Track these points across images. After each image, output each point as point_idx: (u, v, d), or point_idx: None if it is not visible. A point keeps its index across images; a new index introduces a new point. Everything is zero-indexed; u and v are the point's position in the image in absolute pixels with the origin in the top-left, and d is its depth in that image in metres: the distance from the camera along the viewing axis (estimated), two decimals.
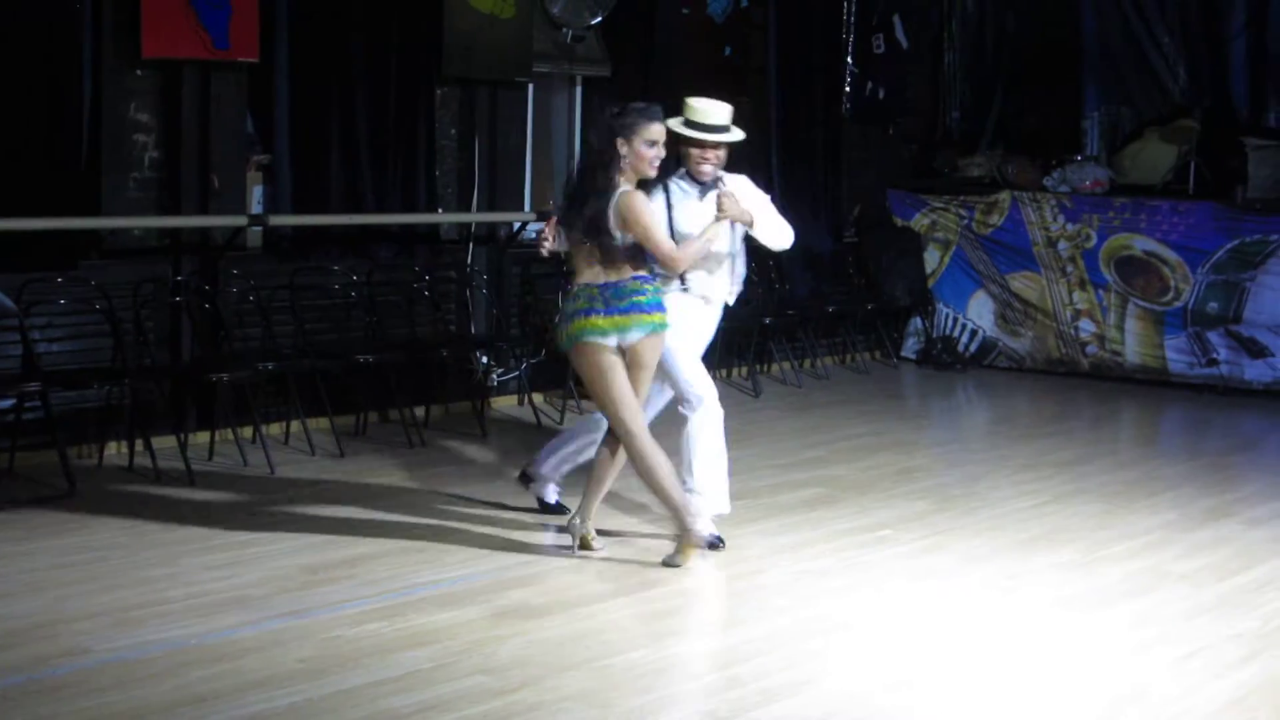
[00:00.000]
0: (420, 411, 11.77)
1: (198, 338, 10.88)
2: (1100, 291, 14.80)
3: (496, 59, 12.46)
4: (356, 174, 11.75)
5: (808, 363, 14.86)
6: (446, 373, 12.26)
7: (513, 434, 11.78)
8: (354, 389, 11.50)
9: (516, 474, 9.72)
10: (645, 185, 8.20)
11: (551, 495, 9.41)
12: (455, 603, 7.55)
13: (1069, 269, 14.91)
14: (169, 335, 10.85)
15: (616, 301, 8.05)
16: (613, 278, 8.09)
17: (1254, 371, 14.16)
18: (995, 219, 15.20)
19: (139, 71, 10.64)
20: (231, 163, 11.08)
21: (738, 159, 9.03)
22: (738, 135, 8.73)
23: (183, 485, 9.73)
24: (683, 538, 8.25)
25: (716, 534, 8.71)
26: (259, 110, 11.37)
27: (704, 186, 8.66)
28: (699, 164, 8.64)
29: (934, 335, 15.63)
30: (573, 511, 8.65)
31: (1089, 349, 14.94)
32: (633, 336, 8.09)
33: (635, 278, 8.11)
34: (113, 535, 8.63)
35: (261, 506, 9.34)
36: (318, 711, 6.13)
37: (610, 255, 8.06)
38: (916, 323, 15.77)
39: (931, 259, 15.59)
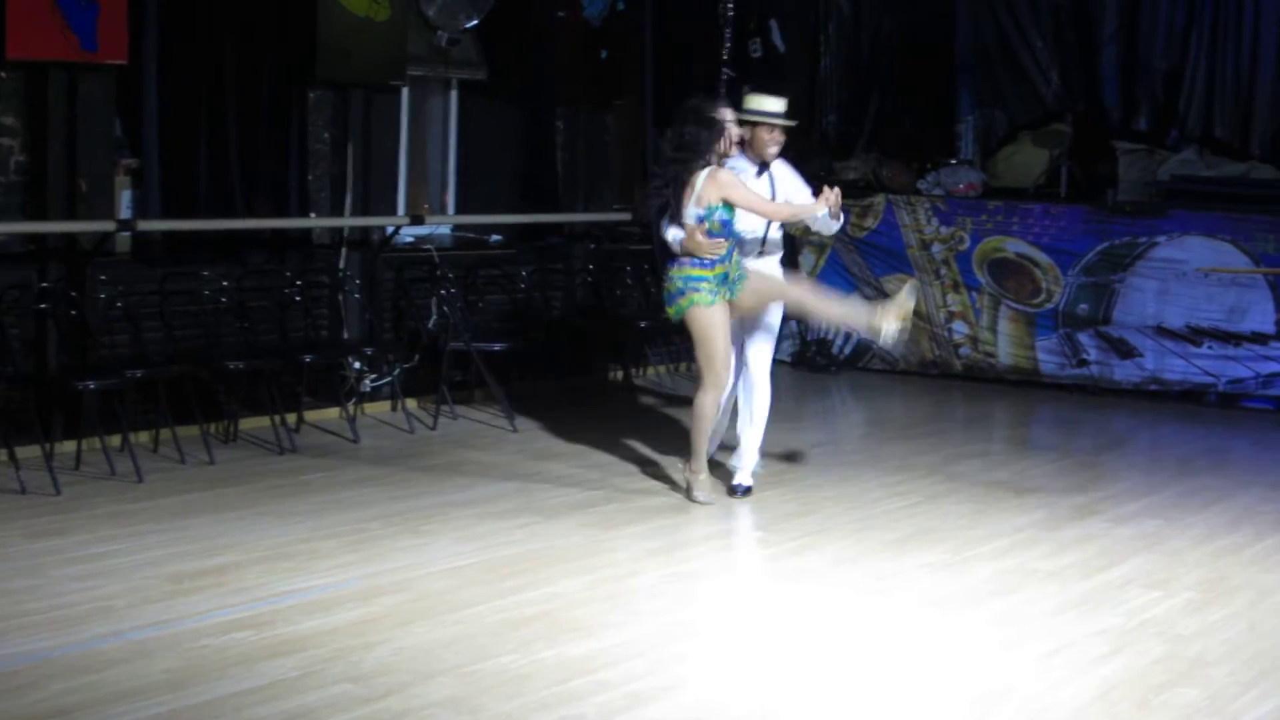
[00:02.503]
0: (292, 418, 11.68)
1: (64, 345, 10.73)
2: (973, 294, 14.91)
3: (371, 62, 12.39)
4: (227, 178, 11.63)
5: (684, 366, 14.86)
6: (319, 378, 12.18)
7: (385, 440, 11.72)
8: (225, 396, 11.41)
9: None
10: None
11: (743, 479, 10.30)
12: (323, 611, 7.50)
13: (943, 271, 15.01)
14: (34, 342, 10.67)
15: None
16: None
17: (1123, 372, 14.32)
18: (870, 222, 15.28)
19: (3, 74, 10.48)
20: (99, 167, 10.94)
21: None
22: (793, 121, 10.21)
23: (48, 495, 9.60)
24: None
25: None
26: (128, 113, 11.24)
27: (763, 165, 10.11)
28: (768, 145, 10.04)
29: (808, 338, 15.68)
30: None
31: (962, 351, 15.05)
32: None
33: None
34: None
35: (127, 516, 9.23)
36: None
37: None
38: (791, 325, 15.81)
39: (806, 262, 15.64)
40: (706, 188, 9.46)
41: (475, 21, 13.28)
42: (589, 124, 14.81)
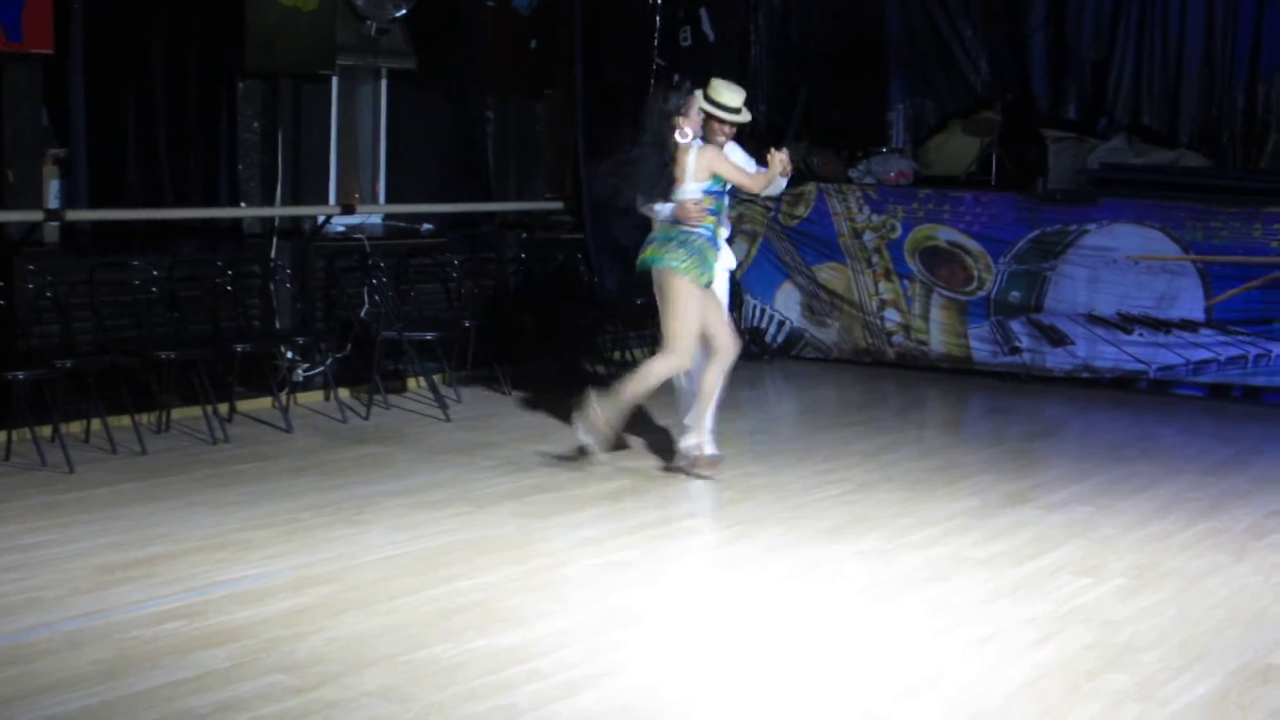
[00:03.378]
0: (224, 408, 11.63)
1: None
2: (905, 282, 14.96)
3: (300, 52, 12.33)
4: (156, 168, 11.58)
5: (618, 354, 14.85)
6: (251, 368, 12.13)
7: (318, 429, 11.69)
8: (156, 386, 11.34)
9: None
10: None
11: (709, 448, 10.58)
12: (255, 601, 7.48)
13: (874, 260, 15.06)
14: None
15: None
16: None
17: (1055, 359, 14.39)
18: (801, 211, 15.30)
19: None
20: (26, 156, 10.88)
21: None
22: (746, 117, 10.57)
23: None
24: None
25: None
26: (55, 103, 11.16)
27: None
28: (717, 135, 10.39)
29: (741, 327, 15.68)
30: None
31: (895, 339, 15.10)
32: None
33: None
34: None
35: (58, 506, 9.18)
36: (113, 713, 6.04)
37: None
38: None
39: (738, 251, 15.60)
40: (699, 163, 10.07)
41: (404, 11, 13.27)
42: (519, 113, 14.81)
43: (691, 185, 10.10)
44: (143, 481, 9.86)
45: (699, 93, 10.33)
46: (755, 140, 15.99)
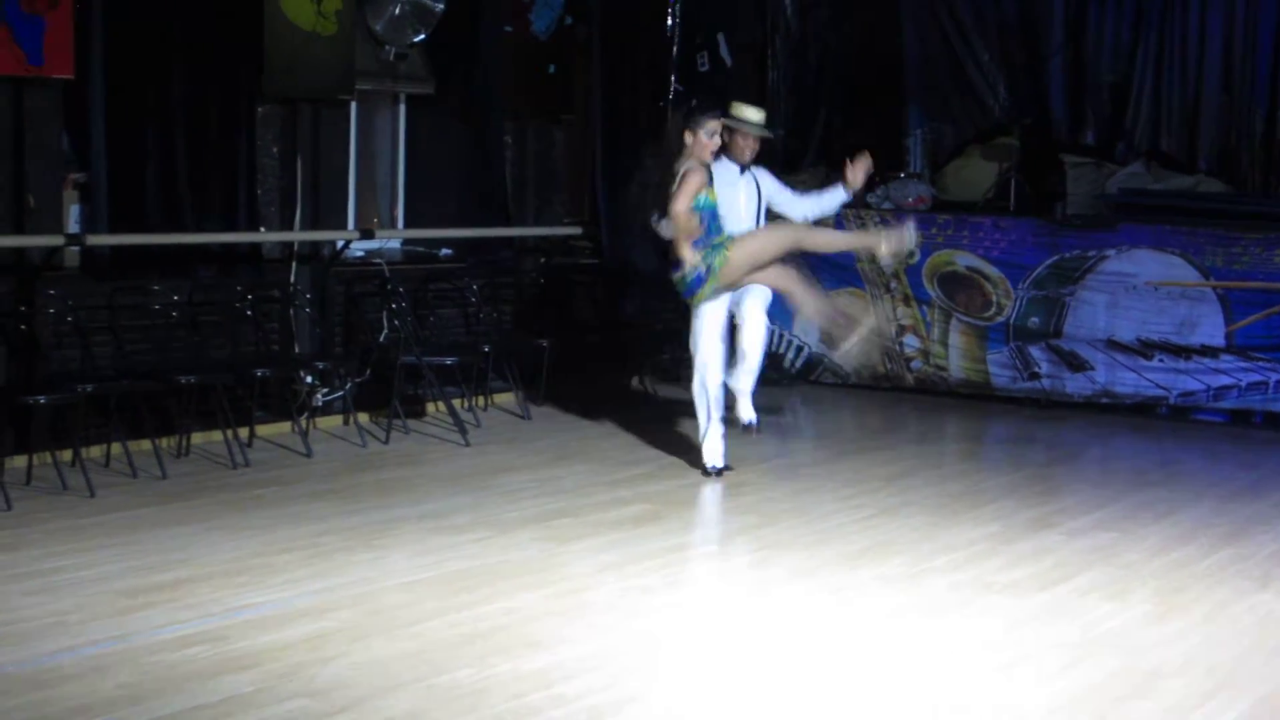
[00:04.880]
0: (244, 432, 11.62)
1: (13, 360, 10.66)
2: (924, 307, 14.93)
3: (318, 77, 12.35)
4: (175, 192, 11.57)
5: (635, 380, 14.84)
6: (270, 393, 12.13)
7: (337, 454, 11.67)
8: (176, 410, 11.33)
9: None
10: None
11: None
12: (278, 625, 7.46)
13: (893, 285, 15.03)
14: None
15: None
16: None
17: (1074, 385, 14.35)
18: None
19: None
20: (47, 181, 10.89)
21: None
22: (769, 133, 11.61)
23: None
24: None
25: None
26: (75, 128, 11.17)
27: (743, 167, 11.34)
28: (743, 150, 11.30)
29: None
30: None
31: (913, 364, 15.07)
32: None
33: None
34: None
35: (80, 531, 9.16)
36: None
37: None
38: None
39: None
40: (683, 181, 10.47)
41: (423, 36, 13.27)
42: (537, 138, 14.80)
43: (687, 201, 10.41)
44: (163, 506, 9.85)
45: (714, 114, 10.76)
46: (772, 166, 16.04)
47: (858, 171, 11.46)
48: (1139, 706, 6.67)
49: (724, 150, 11.08)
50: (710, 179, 10.63)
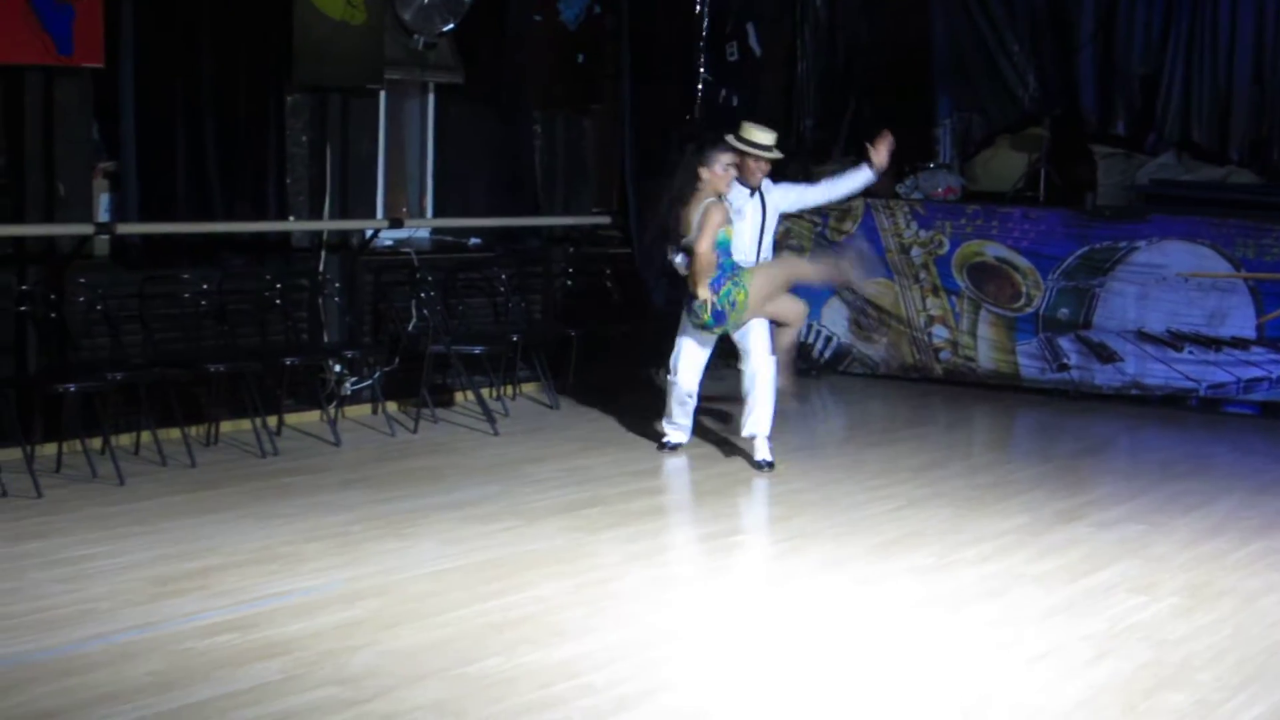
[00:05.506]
0: (273, 420, 11.64)
1: (44, 348, 10.70)
2: (953, 298, 14.91)
3: (347, 66, 12.36)
4: (205, 181, 11.59)
5: (663, 371, 14.79)
6: (299, 381, 12.14)
7: (366, 443, 11.69)
8: (205, 398, 11.36)
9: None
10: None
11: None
12: (308, 613, 7.48)
13: (922, 275, 15.01)
14: (14, 345, 10.65)
15: None
16: None
17: (1104, 376, 14.32)
18: (849, 226, 15.26)
19: None
20: (77, 170, 10.91)
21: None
22: (779, 155, 11.55)
23: (29, 498, 9.56)
24: None
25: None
26: (105, 116, 11.19)
27: (753, 189, 11.37)
28: (754, 172, 11.31)
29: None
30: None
31: (942, 355, 15.04)
32: None
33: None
34: None
35: (109, 518, 9.19)
36: None
37: None
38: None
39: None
40: (702, 217, 10.67)
41: (452, 25, 13.26)
42: (567, 127, 14.79)
43: (694, 237, 10.70)
44: (193, 494, 9.87)
45: (726, 142, 11.06)
46: (801, 156, 16.03)
47: (881, 151, 11.66)
48: (1168, 699, 6.65)
49: (738, 169, 11.15)
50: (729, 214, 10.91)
